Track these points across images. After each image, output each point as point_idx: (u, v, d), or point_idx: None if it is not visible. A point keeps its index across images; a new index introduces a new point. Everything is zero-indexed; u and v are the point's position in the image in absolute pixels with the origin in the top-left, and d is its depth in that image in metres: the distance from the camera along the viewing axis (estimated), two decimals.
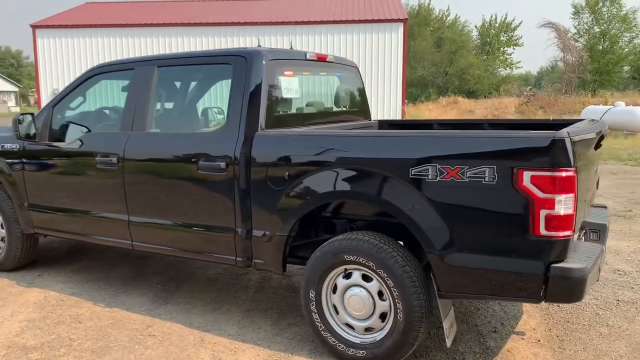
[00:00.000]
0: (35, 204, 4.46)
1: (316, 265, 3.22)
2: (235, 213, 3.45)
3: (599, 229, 3.54)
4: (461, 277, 2.84)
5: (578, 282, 2.62)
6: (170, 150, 3.72)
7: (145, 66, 3.94)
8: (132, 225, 3.92)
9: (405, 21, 23.81)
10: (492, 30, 46.67)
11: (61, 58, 24.30)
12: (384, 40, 23.57)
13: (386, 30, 23.55)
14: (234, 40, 23.15)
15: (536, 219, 2.60)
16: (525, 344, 3.47)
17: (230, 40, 23.38)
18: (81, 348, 3.43)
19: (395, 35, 23.61)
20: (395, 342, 3.01)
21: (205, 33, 23.51)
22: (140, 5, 28.09)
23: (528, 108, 29.93)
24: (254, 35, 23.47)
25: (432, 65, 41.44)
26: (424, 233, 2.86)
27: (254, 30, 23.42)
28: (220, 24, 23.62)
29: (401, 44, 23.67)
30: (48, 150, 4.30)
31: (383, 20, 23.48)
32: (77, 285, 4.53)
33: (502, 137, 2.73)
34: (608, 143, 15.57)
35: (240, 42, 23.29)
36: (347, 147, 3.13)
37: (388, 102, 23.79)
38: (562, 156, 2.58)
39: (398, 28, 23.62)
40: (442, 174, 2.78)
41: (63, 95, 4.35)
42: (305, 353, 3.35)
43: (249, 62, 3.49)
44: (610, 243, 5.59)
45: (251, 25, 23.61)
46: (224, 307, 4.07)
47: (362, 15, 24.01)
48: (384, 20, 23.47)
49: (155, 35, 23.92)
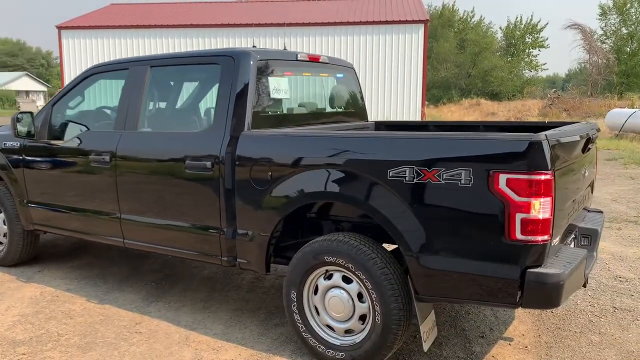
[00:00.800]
0: (34, 201, 4.55)
1: (297, 266, 3.21)
2: (221, 212, 3.47)
3: (590, 234, 3.47)
4: (438, 281, 2.80)
5: (554, 288, 2.56)
6: (159, 149, 3.75)
7: (138, 66, 3.98)
8: (123, 223, 3.97)
9: (426, 22, 23.66)
10: (517, 32, 46.06)
11: (85, 58, 24.75)
12: (404, 42, 23.46)
13: (407, 31, 23.44)
14: (258, 41, 23.30)
15: (512, 223, 2.55)
16: (511, 350, 3.41)
17: (254, 40, 23.51)
18: (68, 343, 3.48)
19: (415, 37, 23.49)
20: (373, 344, 2.99)
21: (231, 34, 23.70)
22: (163, 6, 28.50)
23: (552, 111, 29.42)
24: (277, 36, 23.60)
25: (455, 67, 41.07)
26: (401, 235, 2.83)
27: (279, 32, 23.52)
28: (247, 25, 23.78)
29: (422, 45, 23.53)
30: (46, 148, 4.38)
31: (403, 22, 23.37)
32: (73, 282, 4.60)
33: (479, 140, 2.69)
34: (630, 147, 15.25)
35: (261, 42, 23.41)
36: (326, 148, 3.11)
37: (408, 104, 23.68)
38: (539, 159, 2.52)
39: (419, 29, 23.49)
40: (419, 175, 2.75)
41: (62, 94, 4.43)
42: (287, 354, 3.35)
43: (237, 62, 3.50)
44: (616, 249, 5.48)
45: (275, 26, 23.71)
46: (214, 306, 4.09)
47: (383, 16, 23.95)
48: (404, 21, 23.37)
49: (178, 36, 24.23)
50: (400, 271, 2.95)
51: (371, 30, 23.50)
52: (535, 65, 46.76)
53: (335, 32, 23.56)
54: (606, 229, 6.30)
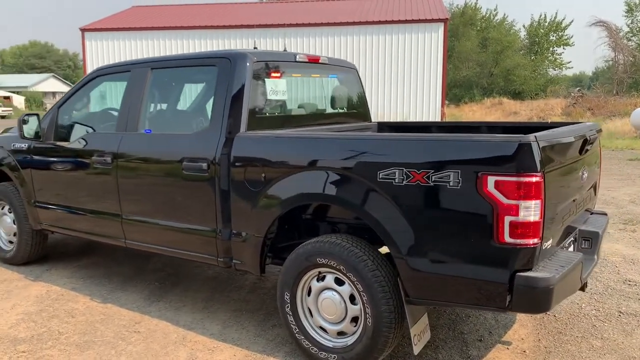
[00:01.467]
0: (41, 201, 4.63)
1: (291, 268, 3.21)
2: (217, 213, 3.48)
3: (591, 237, 3.40)
4: (427, 283, 2.77)
5: (544, 292, 2.51)
6: (158, 150, 3.79)
7: (139, 68, 4.03)
8: (124, 224, 4.02)
9: (446, 21, 23.43)
10: (541, 30, 45.35)
11: (108, 59, 25.07)
12: (424, 41, 23.27)
13: (426, 30, 23.25)
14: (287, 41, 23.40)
15: (500, 226, 2.51)
16: (509, 354, 3.36)
17: (275, 41, 23.58)
18: (67, 342, 3.54)
19: (435, 36, 23.28)
20: (364, 347, 2.97)
21: (254, 35, 23.73)
22: (185, 8, 28.76)
23: (575, 110, 28.90)
24: (296, 36, 23.64)
25: (476, 66, 40.61)
26: (390, 237, 2.81)
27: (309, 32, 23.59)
28: (267, 26, 23.84)
29: (441, 44, 23.30)
30: (52, 150, 4.45)
31: (423, 21, 23.19)
32: (79, 281, 4.68)
33: (467, 141, 2.65)
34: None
35: (287, 43, 23.49)
36: (316, 150, 3.11)
37: (427, 104, 23.48)
38: (528, 161, 2.48)
39: (438, 28, 23.28)
40: (408, 177, 2.72)
41: (68, 97, 4.50)
42: (281, 355, 3.35)
43: (233, 63, 3.51)
44: (628, 252, 5.36)
45: (302, 26, 23.75)
46: (214, 306, 4.11)
47: (402, 15, 23.79)
48: (423, 20, 23.18)
49: (199, 38, 24.41)
50: (392, 274, 2.92)
51: (390, 30, 23.37)
52: (560, 64, 45.97)
53: (354, 32, 23.48)
54: (620, 231, 6.17)
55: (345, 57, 23.35)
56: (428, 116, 23.37)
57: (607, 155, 14.22)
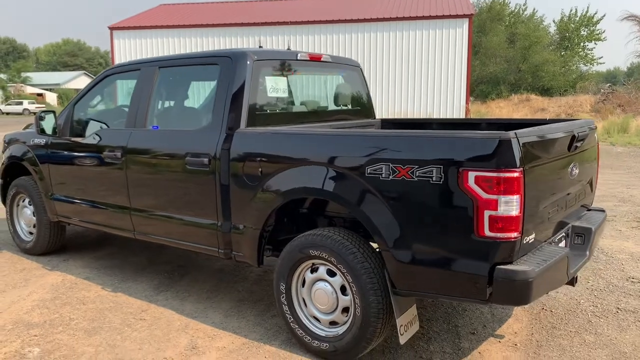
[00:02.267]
0: (57, 194, 4.85)
1: (286, 259, 3.33)
2: (217, 207, 3.62)
3: (584, 232, 3.42)
4: (411, 275, 2.86)
5: (522, 285, 2.57)
6: (164, 146, 3.95)
7: (149, 67, 4.19)
8: (133, 216, 4.20)
9: (471, 16, 23.23)
10: (571, 25, 44.45)
11: (136, 57, 25.54)
12: (448, 37, 23.12)
13: (450, 26, 23.10)
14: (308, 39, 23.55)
15: (480, 220, 2.59)
16: (500, 347, 3.42)
17: (306, 38, 23.72)
18: (77, 327, 3.73)
19: (459, 31, 23.11)
20: (354, 336, 3.07)
21: (284, 32, 23.92)
22: (212, 6, 29.12)
23: (605, 106, 28.32)
24: (319, 33, 23.75)
25: (504, 62, 40.05)
26: (377, 230, 2.90)
27: (318, 29, 23.71)
28: (297, 23, 24.00)
29: (466, 40, 23.12)
30: (68, 145, 4.66)
31: (447, 16, 23.04)
32: (93, 271, 4.88)
33: (449, 137, 2.72)
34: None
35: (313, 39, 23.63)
36: (309, 146, 3.22)
37: (452, 101, 23.34)
38: (508, 157, 2.54)
39: (463, 24, 23.10)
40: (394, 172, 2.81)
41: (82, 94, 4.70)
42: (277, 343, 3.47)
43: (234, 62, 3.64)
44: (636, 250, 5.35)
45: (317, 24, 23.87)
46: (218, 296, 4.26)
47: (427, 11, 23.67)
48: (448, 16, 23.03)
49: (224, 35, 24.71)
50: (381, 266, 3.02)
51: (414, 26, 23.28)
52: (591, 59, 45.01)
53: (378, 29, 23.46)
54: (633, 229, 6.13)
55: (367, 54, 23.41)
56: (452, 113, 23.24)
57: (632, 153, 13.98)
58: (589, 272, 4.69)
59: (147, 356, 3.32)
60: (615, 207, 7.31)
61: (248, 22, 24.60)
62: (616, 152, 14.26)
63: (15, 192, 5.33)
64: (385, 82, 23.59)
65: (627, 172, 10.72)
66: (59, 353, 3.37)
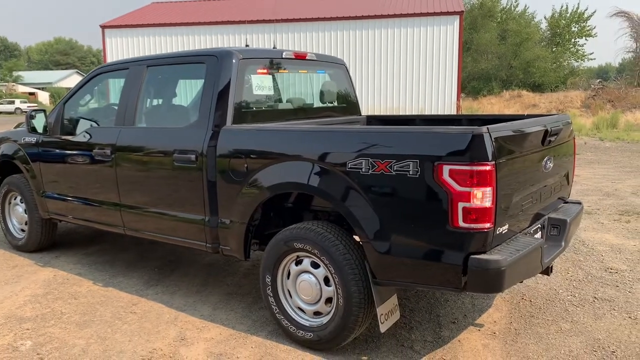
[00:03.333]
0: (49, 191, 4.93)
1: (271, 252, 3.43)
2: (204, 202, 3.72)
3: (560, 224, 3.55)
4: (391, 266, 2.96)
5: (495, 273, 2.69)
6: (153, 143, 4.03)
7: (137, 66, 4.28)
8: (123, 213, 4.29)
9: (462, 13, 23.37)
10: (562, 21, 44.68)
11: (128, 56, 25.54)
12: (439, 34, 23.26)
13: (441, 23, 23.23)
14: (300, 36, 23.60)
15: (454, 212, 2.70)
16: (479, 335, 3.54)
17: (292, 36, 23.80)
18: (68, 321, 3.82)
19: (450, 28, 23.25)
20: (337, 326, 3.18)
21: (272, 29, 23.95)
22: (203, 4, 29.10)
23: (595, 102, 28.55)
24: (310, 31, 23.82)
25: (496, 58, 40.22)
26: (358, 223, 3.01)
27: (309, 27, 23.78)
28: (286, 21, 24.04)
29: (457, 37, 23.26)
30: (58, 143, 4.74)
31: (438, 13, 23.16)
32: (85, 267, 4.97)
33: (425, 133, 2.84)
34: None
35: (304, 37, 23.69)
36: (292, 142, 3.32)
37: (443, 97, 23.49)
38: (480, 151, 2.65)
39: (454, 21, 23.24)
40: (373, 167, 2.92)
41: (72, 93, 4.78)
42: (264, 334, 3.58)
43: (220, 61, 3.73)
44: (617, 241, 5.48)
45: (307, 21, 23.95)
46: (207, 290, 4.36)
47: (417, 8, 23.79)
48: (438, 13, 23.15)
49: (216, 33, 24.73)
50: (362, 257, 3.12)
51: (405, 23, 23.40)
52: (582, 55, 45.27)
53: (369, 26, 23.56)
54: (614, 222, 6.27)
55: (359, 51, 23.53)
56: (444, 109, 23.38)
57: (620, 148, 14.16)
58: (569, 264, 4.83)
59: (137, 347, 3.41)
60: (599, 201, 7.45)
61: (239, 20, 24.61)
62: (605, 147, 14.44)
63: (6, 190, 5.41)
64: (377, 80, 23.71)
65: (614, 167, 10.88)
66: (51, 345, 3.46)
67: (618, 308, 3.89)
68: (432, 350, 3.34)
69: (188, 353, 3.33)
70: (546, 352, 3.29)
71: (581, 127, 18.44)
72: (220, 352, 3.34)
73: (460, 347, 3.38)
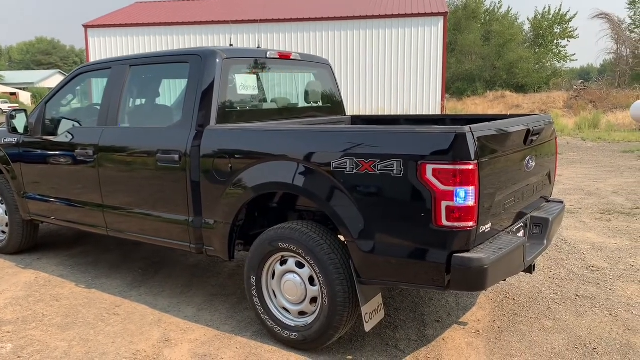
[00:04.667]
0: (30, 192, 4.87)
1: (256, 252, 3.42)
2: (188, 202, 3.70)
3: (542, 223, 3.58)
4: (375, 265, 2.97)
5: (477, 272, 2.70)
6: (136, 143, 4.00)
7: (120, 65, 4.24)
8: (106, 214, 4.25)
9: (446, 14, 23.54)
10: (545, 22, 45.20)
11: (111, 56, 25.32)
12: (423, 35, 23.40)
13: (425, 24, 23.37)
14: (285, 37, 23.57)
15: (438, 210, 2.71)
16: (463, 333, 3.56)
17: (277, 36, 23.77)
18: (50, 323, 3.77)
19: (435, 29, 23.41)
20: (322, 325, 3.18)
21: (257, 30, 23.88)
22: (187, 4, 28.95)
23: (577, 102, 28.93)
24: (296, 31, 23.82)
25: (480, 59, 40.58)
26: (343, 222, 3.01)
27: (295, 27, 23.77)
28: (270, 21, 24.00)
29: (441, 38, 23.43)
30: (40, 143, 4.68)
31: (422, 15, 23.30)
32: (67, 268, 4.92)
33: (408, 132, 2.85)
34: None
35: (290, 37, 23.67)
36: (278, 141, 3.32)
37: (427, 98, 23.62)
38: (463, 150, 2.67)
39: (438, 22, 23.40)
40: (357, 166, 2.92)
41: (54, 93, 4.73)
42: (248, 335, 3.57)
43: (204, 60, 3.71)
44: (598, 240, 5.54)
45: (294, 22, 23.95)
46: (191, 291, 4.34)
47: (402, 9, 23.91)
48: (423, 14, 23.29)
49: (201, 33, 24.63)
50: (346, 256, 3.13)
51: (390, 24, 23.51)
52: (564, 56, 45.83)
53: (354, 27, 23.62)
54: (596, 221, 6.35)
55: (344, 52, 23.58)
56: (428, 110, 23.51)
57: (602, 148, 14.34)
58: (551, 262, 4.88)
59: (120, 349, 3.38)
60: (581, 200, 7.54)
61: (224, 20, 24.51)
62: (586, 147, 14.61)
63: None
64: (362, 80, 23.78)
65: (595, 167, 11.02)
66: (32, 348, 3.41)
67: (599, 305, 3.94)
68: (416, 349, 3.35)
69: (172, 354, 3.31)
70: (529, 349, 3.32)
71: (564, 128, 18.66)
72: (205, 353, 3.32)
73: (445, 345, 3.40)
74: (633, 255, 5.03)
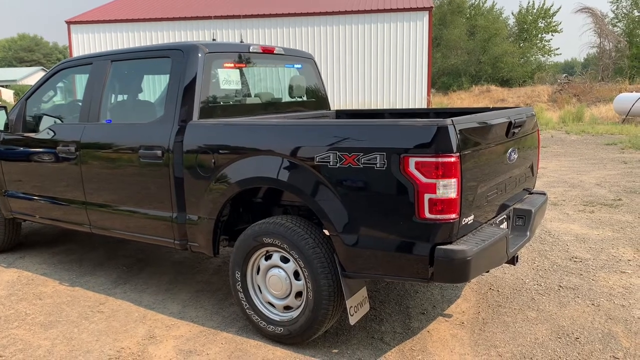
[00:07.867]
0: (11, 190, 4.81)
1: (240, 248, 3.41)
2: (172, 198, 3.67)
3: (525, 214, 3.61)
4: (359, 258, 2.97)
5: (461, 263, 2.72)
6: (118, 140, 3.96)
7: (101, 61, 4.20)
8: (89, 211, 4.21)
9: (431, 9, 23.56)
10: (529, 17, 45.48)
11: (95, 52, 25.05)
12: (409, 30, 23.41)
13: (411, 19, 23.38)
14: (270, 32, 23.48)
15: (420, 203, 2.72)
16: (448, 325, 3.58)
17: (262, 32, 23.66)
18: (33, 322, 3.74)
19: (420, 24, 23.42)
20: (307, 319, 3.18)
21: (241, 25, 23.77)
22: None
23: (562, 96, 29.19)
24: (281, 26, 23.74)
25: (465, 54, 40.72)
26: (327, 216, 3.01)
27: (279, 22, 23.70)
28: (254, 16, 23.86)
29: (426, 32, 23.45)
30: (20, 140, 4.62)
31: (407, 9, 23.31)
32: (50, 266, 4.87)
33: (391, 125, 2.85)
34: (633, 132, 15.15)
35: (273, 33, 23.58)
36: (261, 136, 3.30)
37: (413, 92, 23.67)
38: (445, 143, 2.68)
39: (423, 16, 23.41)
40: (341, 160, 2.92)
41: (34, 89, 4.67)
42: (234, 330, 3.56)
43: (185, 55, 3.68)
44: (581, 231, 5.60)
45: (278, 17, 23.86)
46: (177, 288, 4.32)
47: (387, 4, 23.90)
48: (408, 9, 23.30)
49: (185, 29, 24.43)
50: (331, 250, 3.13)
51: (375, 19, 23.50)
52: (549, 51, 46.17)
53: (340, 22, 23.58)
54: (579, 212, 6.41)
55: (330, 47, 23.53)
56: (414, 104, 23.54)
57: (585, 140, 14.48)
58: (535, 253, 4.92)
59: (104, 347, 3.36)
60: (565, 192, 7.62)
61: (207, 15, 24.34)
62: (570, 140, 14.74)
63: None
64: (347, 76, 23.76)
65: (579, 159, 11.13)
66: (15, 347, 3.38)
67: (582, 296, 3.98)
68: (401, 342, 3.37)
69: (157, 351, 3.30)
70: (513, 340, 3.35)
71: (548, 121, 18.81)
72: (190, 349, 3.31)
73: (430, 337, 3.42)
74: (615, 246, 5.09)
